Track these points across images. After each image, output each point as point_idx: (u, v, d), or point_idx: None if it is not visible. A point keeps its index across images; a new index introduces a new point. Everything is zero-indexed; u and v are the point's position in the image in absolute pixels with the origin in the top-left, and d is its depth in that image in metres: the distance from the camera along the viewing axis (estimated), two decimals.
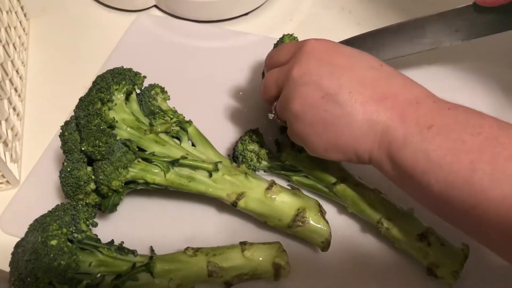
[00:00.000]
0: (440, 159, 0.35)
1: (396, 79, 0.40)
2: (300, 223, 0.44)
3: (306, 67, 0.41)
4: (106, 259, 0.42)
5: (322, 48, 0.42)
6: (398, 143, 0.37)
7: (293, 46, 0.45)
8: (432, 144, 0.35)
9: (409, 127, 0.37)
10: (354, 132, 0.39)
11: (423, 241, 0.43)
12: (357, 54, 0.42)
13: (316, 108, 0.40)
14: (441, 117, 0.36)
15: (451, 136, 0.35)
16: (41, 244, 0.39)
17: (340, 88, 0.39)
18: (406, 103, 0.38)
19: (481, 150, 0.33)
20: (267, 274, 0.43)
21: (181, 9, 0.69)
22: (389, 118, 0.38)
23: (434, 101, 0.38)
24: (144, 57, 0.64)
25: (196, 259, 0.43)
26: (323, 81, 0.40)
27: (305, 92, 0.41)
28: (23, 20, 0.68)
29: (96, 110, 0.43)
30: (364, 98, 0.38)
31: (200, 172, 0.45)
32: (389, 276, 0.45)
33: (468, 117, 0.36)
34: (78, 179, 0.43)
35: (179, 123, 0.48)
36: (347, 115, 0.39)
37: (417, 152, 0.36)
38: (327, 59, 0.41)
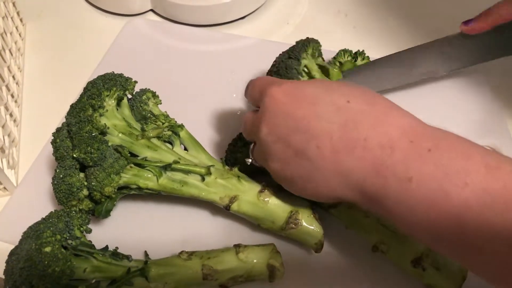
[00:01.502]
0: (424, 213, 0.32)
1: (364, 117, 0.36)
2: (293, 225, 0.44)
3: (272, 123, 0.39)
4: (101, 264, 0.42)
5: (284, 99, 0.39)
6: (378, 194, 0.34)
7: (259, 89, 0.42)
8: (414, 198, 0.33)
9: (386, 179, 0.34)
10: (331, 185, 0.37)
11: (417, 267, 0.42)
12: (322, 96, 0.38)
13: (291, 164, 0.39)
14: (421, 165, 0.33)
15: (434, 189, 0.32)
16: (35, 251, 0.40)
17: (308, 142, 0.37)
18: (377, 150, 0.34)
19: (468, 204, 0.31)
20: (262, 276, 0.43)
21: (178, 13, 0.69)
22: (362, 170, 0.35)
23: (411, 141, 0.34)
24: (137, 61, 0.65)
25: (191, 262, 0.43)
26: (291, 138, 0.38)
27: (277, 151, 0.39)
28: (19, 25, 0.69)
29: (87, 116, 0.44)
30: (332, 150, 0.36)
31: (192, 176, 0.45)
32: (387, 282, 0.45)
33: (452, 160, 0.32)
34: (70, 185, 0.43)
35: (171, 128, 0.48)
36: (320, 169, 0.37)
37: (399, 204, 0.33)
38: (291, 112, 0.38)
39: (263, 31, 0.70)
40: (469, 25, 0.52)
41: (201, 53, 0.66)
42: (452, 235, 0.32)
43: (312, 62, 0.54)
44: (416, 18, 0.65)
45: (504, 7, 0.51)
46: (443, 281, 0.42)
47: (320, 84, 0.40)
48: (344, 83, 0.40)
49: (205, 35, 0.69)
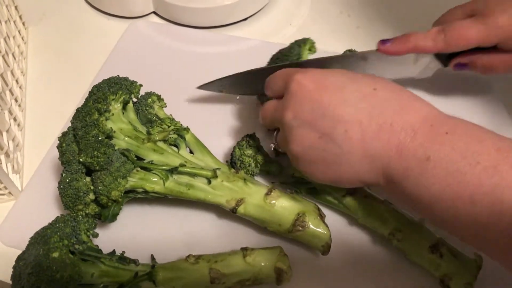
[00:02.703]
0: (440, 193, 0.35)
1: (390, 104, 0.38)
2: (300, 228, 0.44)
3: (298, 109, 0.41)
4: (108, 269, 0.42)
5: (310, 86, 0.40)
6: (399, 176, 0.37)
7: (282, 79, 0.44)
8: (432, 178, 0.35)
9: (407, 161, 0.36)
10: (356, 169, 0.39)
11: (435, 253, 0.42)
12: (348, 83, 0.40)
13: (315, 148, 0.40)
14: (439, 146, 0.35)
15: (450, 168, 0.34)
16: (43, 256, 0.40)
17: (335, 127, 0.39)
18: (402, 133, 0.37)
19: (480, 182, 0.33)
20: (269, 279, 0.43)
21: (180, 15, 0.69)
22: (387, 153, 0.37)
23: (431, 125, 0.37)
24: (140, 63, 0.65)
25: (198, 266, 0.43)
26: (317, 122, 0.39)
27: (301, 135, 0.41)
28: (21, 29, 0.68)
29: (93, 120, 0.44)
30: (360, 135, 0.38)
31: (199, 179, 0.45)
32: (397, 283, 0.45)
33: (467, 143, 0.35)
34: (77, 190, 0.43)
35: (177, 131, 0.48)
36: (346, 153, 0.39)
37: (418, 185, 0.36)
38: (317, 98, 0.40)
39: (266, 33, 0.70)
40: (384, 45, 0.52)
41: (204, 55, 0.66)
42: (465, 215, 0.34)
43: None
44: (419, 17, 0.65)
45: (421, 38, 0.50)
46: (460, 270, 0.42)
47: (345, 73, 0.42)
48: (367, 74, 0.42)
49: (208, 37, 0.68)
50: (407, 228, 0.44)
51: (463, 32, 0.49)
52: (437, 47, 0.50)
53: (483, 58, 0.51)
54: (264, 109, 0.46)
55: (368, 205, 0.46)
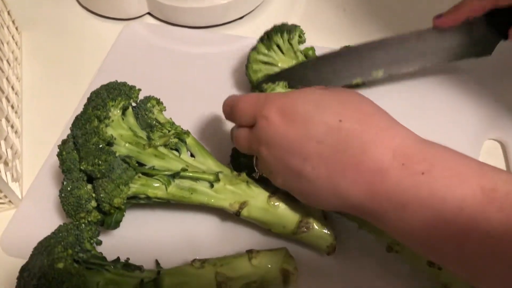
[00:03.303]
0: (424, 240, 0.33)
1: (355, 139, 0.35)
2: (304, 229, 0.43)
3: (270, 146, 0.39)
4: (114, 277, 0.41)
5: (277, 121, 0.38)
6: (375, 217, 0.35)
7: (250, 112, 0.42)
8: (412, 226, 0.33)
9: (380, 204, 0.34)
10: (329, 202, 0.38)
11: (432, 266, 0.41)
12: (314, 114, 0.37)
13: (291, 181, 0.40)
14: (415, 190, 0.32)
15: (431, 217, 0.32)
16: (48, 268, 0.39)
17: (303, 164, 0.37)
18: (369, 175, 0.34)
19: (467, 231, 0.30)
20: (276, 281, 0.43)
21: (175, 15, 0.69)
22: (357, 195, 0.35)
23: (402, 164, 0.33)
24: (136, 65, 0.64)
25: (204, 270, 0.42)
26: (288, 160, 0.38)
27: (278, 167, 0.40)
28: (15, 34, 0.68)
29: (93, 128, 0.43)
30: (326, 172, 0.36)
31: (201, 183, 0.45)
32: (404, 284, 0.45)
33: (447, 186, 0.31)
34: (79, 198, 0.43)
35: (177, 135, 0.47)
36: (318, 189, 0.37)
37: (397, 228, 0.34)
38: (284, 134, 0.38)
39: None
40: (440, 19, 0.52)
41: (200, 55, 0.65)
42: (455, 262, 0.32)
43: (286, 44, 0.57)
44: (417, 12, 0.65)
45: (475, 1, 0.51)
46: (459, 280, 0.41)
47: (312, 98, 0.39)
48: (338, 94, 0.39)
49: (204, 37, 0.68)
50: None
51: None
52: (491, 2, 0.50)
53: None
54: (238, 138, 0.44)
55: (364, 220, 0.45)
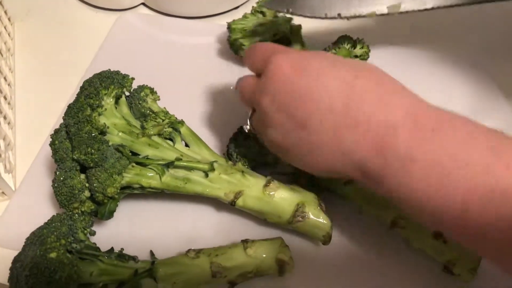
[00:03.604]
0: (428, 197, 0.32)
1: (370, 95, 0.35)
2: (300, 219, 0.43)
3: (276, 92, 0.38)
4: (107, 267, 0.41)
5: (289, 70, 0.38)
6: (378, 174, 0.34)
7: (262, 57, 0.41)
8: (417, 181, 0.32)
9: (387, 159, 0.33)
10: (331, 160, 0.37)
11: (438, 239, 0.42)
12: (328, 68, 0.37)
13: (291, 136, 0.38)
14: (424, 147, 0.32)
15: (438, 171, 0.31)
16: (41, 257, 0.39)
17: (310, 116, 0.36)
18: (381, 129, 0.34)
19: (472, 186, 0.30)
20: (271, 270, 0.43)
21: (169, 5, 0.68)
22: (365, 149, 0.34)
23: (414, 122, 0.33)
24: (130, 56, 0.64)
25: (199, 260, 0.42)
26: (294, 110, 0.37)
27: (278, 120, 0.38)
28: (7, 25, 0.67)
29: (86, 116, 0.43)
30: (335, 126, 0.35)
31: (196, 173, 0.45)
32: (399, 272, 0.45)
33: (456, 142, 0.31)
34: (72, 188, 0.42)
35: (171, 124, 0.47)
36: (321, 144, 0.37)
37: (401, 185, 0.33)
38: (296, 81, 0.37)
39: None
40: None
41: (196, 46, 0.65)
42: (456, 219, 0.31)
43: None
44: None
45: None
46: (463, 255, 0.42)
47: (327, 56, 0.39)
48: (352, 60, 0.39)
49: (198, 27, 0.68)
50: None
51: None
52: None
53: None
54: (242, 85, 0.44)
55: (369, 193, 0.45)
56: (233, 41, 0.59)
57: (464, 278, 0.42)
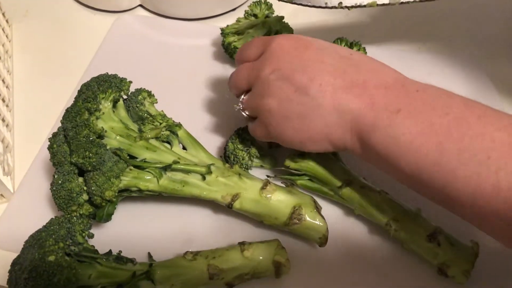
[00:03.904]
0: (409, 143, 0.36)
1: (365, 65, 0.41)
2: (296, 221, 0.44)
3: (277, 63, 0.42)
4: (106, 269, 0.41)
5: (291, 44, 0.43)
6: (368, 130, 0.38)
7: (261, 42, 0.45)
8: (401, 129, 0.36)
9: (378, 112, 0.38)
10: (326, 122, 0.40)
11: (432, 241, 0.43)
12: (326, 46, 0.43)
13: (290, 101, 0.41)
14: (409, 100, 0.37)
15: (419, 119, 0.36)
16: (39, 260, 0.39)
17: (311, 81, 0.40)
18: (374, 89, 0.39)
19: (449, 131, 0.34)
20: (268, 272, 0.43)
21: (167, 7, 0.68)
22: (358, 106, 0.39)
23: (402, 85, 0.39)
24: (128, 58, 0.64)
25: (196, 263, 0.42)
26: (295, 76, 0.41)
27: (278, 88, 0.42)
28: (5, 27, 0.67)
29: (83, 120, 0.43)
30: (333, 89, 0.40)
31: (193, 176, 0.45)
32: (396, 273, 0.45)
33: (436, 98, 0.37)
34: (70, 191, 0.43)
35: (169, 127, 0.47)
36: (319, 106, 0.40)
37: (387, 137, 0.37)
38: (297, 54, 0.42)
39: None
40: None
41: (193, 48, 0.65)
42: (432, 165, 0.35)
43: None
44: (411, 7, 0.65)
45: None
46: (457, 257, 0.42)
47: (323, 41, 0.44)
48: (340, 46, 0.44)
49: (196, 29, 0.68)
50: (404, 218, 0.44)
51: None
52: None
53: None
54: (238, 71, 0.47)
55: (364, 195, 0.46)
56: (227, 45, 0.59)
57: (458, 280, 0.42)
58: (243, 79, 0.46)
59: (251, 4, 0.60)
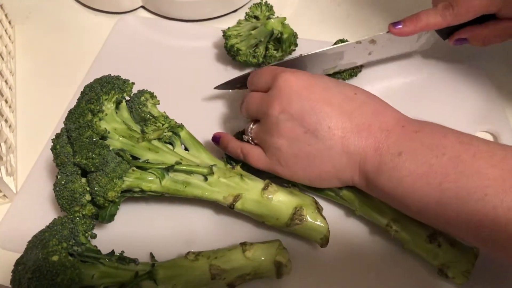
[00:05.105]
0: (412, 184, 0.38)
1: (369, 107, 0.43)
2: (298, 221, 0.44)
3: (286, 103, 0.43)
4: (108, 270, 0.42)
5: (299, 83, 0.44)
6: (374, 171, 0.41)
7: (270, 75, 0.46)
8: (403, 170, 0.39)
9: (382, 156, 0.40)
10: (336, 164, 0.42)
11: (433, 242, 0.43)
12: (333, 86, 0.44)
13: (299, 142, 0.43)
14: (409, 142, 0.40)
15: (419, 161, 0.38)
16: (43, 260, 0.39)
17: (321, 123, 0.42)
18: (378, 133, 0.41)
19: (446, 171, 0.37)
20: (269, 272, 0.43)
21: (169, 9, 0.69)
22: (364, 150, 0.41)
23: (402, 126, 0.41)
24: (130, 59, 0.64)
25: (198, 263, 0.43)
26: (305, 117, 0.42)
27: (288, 128, 0.43)
28: (8, 28, 0.67)
29: (87, 122, 0.43)
30: (342, 132, 0.42)
31: (195, 177, 0.45)
32: (396, 274, 0.45)
33: (433, 138, 0.39)
34: (73, 191, 0.43)
35: (171, 128, 0.48)
36: (329, 148, 0.42)
37: (391, 178, 0.40)
38: (307, 95, 0.43)
39: None
40: (396, 28, 0.55)
41: (195, 49, 0.65)
42: (436, 203, 0.37)
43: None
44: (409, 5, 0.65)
45: (431, 16, 0.53)
46: (457, 258, 0.42)
47: (328, 78, 0.46)
48: (344, 82, 0.46)
49: (198, 31, 0.68)
50: (404, 219, 0.44)
51: (470, 4, 0.52)
52: (447, 22, 0.53)
53: (482, 31, 0.55)
54: (249, 100, 0.48)
55: (365, 196, 0.46)
56: (230, 47, 0.59)
57: (458, 281, 0.42)
58: (253, 108, 0.47)
59: (252, 6, 0.60)
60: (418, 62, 0.63)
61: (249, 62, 0.60)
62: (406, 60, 0.63)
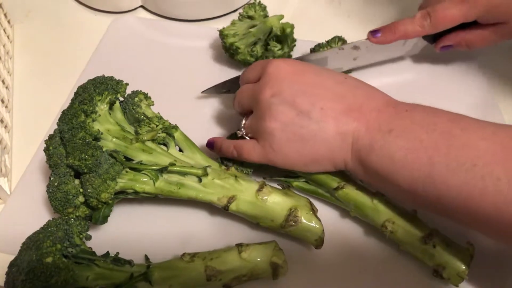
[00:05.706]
0: (402, 159, 0.38)
1: (360, 90, 0.44)
2: (292, 223, 0.44)
3: (277, 88, 0.44)
4: (103, 271, 0.41)
5: (288, 68, 0.44)
6: (366, 150, 0.41)
7: (260, 64, 0.47)
8: (394, 147, 0.39)
9: (373, 134, 0.40)
10: (329, 145, 0.42)
11: (428, 243, 0.43)
12: (323, 71, 0.45)
13: (292, 125, 0.43)
14: (400, 121, 0.40)
15: (410, 137, 0.39)
16: (37, 262, 0.39)
17: (313, 105, 0.42)
18: (369, 113, 0.42)
19: (436, 145, 0.37)
20: (265, 274, 0.43)
21: (168, 8, 0.68)
22: (357, 129, 0.41)
23: (393, 107, 0.42)
24: (127, 59, 0.64)
25: (194, 264, 0.43)
26: (296, 100, 0.43)
27: (280, 111, 0.43)
28: (7, 28, 0.67)
29: (80, 123, 0.43)
30: (334, 113, 0.42)
31: (189, 178, 0.45)
32: (391, 275, 0.45)
33: (424, 117, 0.39)
34: (66, 193, 0.43)
35: (165, 129, 0.47)
36: (322, 130, 0.42)
37: (382, 156, 0.40)
38: (296, 79, 0.44)
39: None
40: (375, 36, 0.56)
41: (191, 49, 0.65)
42: (425, 177, 0.37)
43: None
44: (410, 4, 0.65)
45: (409, 25, 0.54)
46: (453, 259, 0.42)
47: (317, 66, 0.47)
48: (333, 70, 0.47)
49: (196, 31, 0.68)
50: (400, 219, 0.44)
51: (447, 13, 0.52)
52: (425, 31, 0.54)
53: (465, 36, 0.56)
54: (241, 92, 0.48)
55: (360, 197, 0.46)
56: (228, 46, 0.59)
57: (453, 281, 0.42)
58: (245, 99, 0.47)
59: (246, 6, 0.60)
60: (410, 62, 0.63)
61: (247, 61, 0.60)
62: (398, 59, 0.63)
